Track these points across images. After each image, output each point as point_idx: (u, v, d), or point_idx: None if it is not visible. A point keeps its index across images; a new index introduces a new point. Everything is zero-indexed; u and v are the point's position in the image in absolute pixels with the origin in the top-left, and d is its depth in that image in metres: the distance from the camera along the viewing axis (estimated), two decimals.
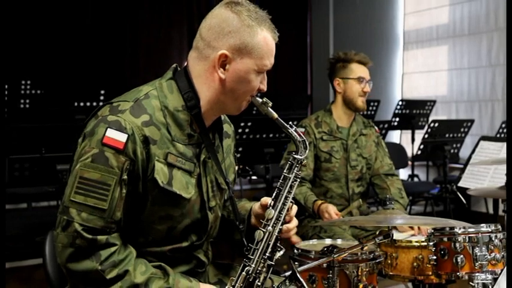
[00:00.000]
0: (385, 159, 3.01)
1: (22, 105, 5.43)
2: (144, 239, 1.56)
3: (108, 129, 1.45)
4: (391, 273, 2.35)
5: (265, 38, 1.55)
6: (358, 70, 2.88)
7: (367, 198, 3.05)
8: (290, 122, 1.66)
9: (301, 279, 1.56)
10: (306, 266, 2.03)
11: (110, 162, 1.44)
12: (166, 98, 1.56)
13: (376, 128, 3.09)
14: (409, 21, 7.22)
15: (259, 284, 1.56)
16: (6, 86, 4.70)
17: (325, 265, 2.05)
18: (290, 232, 1.68)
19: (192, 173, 1.58)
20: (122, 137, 1.45)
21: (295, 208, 1.66)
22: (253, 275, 1.56)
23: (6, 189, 3.89)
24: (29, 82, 5.62)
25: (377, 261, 2.21)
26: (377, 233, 2.07)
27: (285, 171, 1.64)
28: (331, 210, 2.65)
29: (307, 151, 1.64)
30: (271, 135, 3.82)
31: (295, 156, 1.63)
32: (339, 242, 2.46)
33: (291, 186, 1.63)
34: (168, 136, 1.53)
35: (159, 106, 1.54)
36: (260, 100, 1.61)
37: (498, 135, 4.46)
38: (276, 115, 1.62)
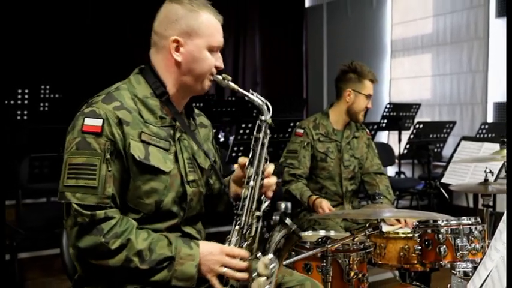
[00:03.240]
0: (374, 160, 3.01)
1: (42, 108, 5.41)
2: (137, 216, 1.54)
3: (86, 118, 1.49)
4: (379, 262, 2.35)
5: (208, 19, 1.60)
6: (369, 87, 2.83)
7: (358, 194, 3.04)
8: (251, 90, 1.65)
9: (289, 223, 1.50)
10: (301, 256, 2.04)
11: (92, 146, 1.47)
12: (135, 88, 1.60)
13: (367, 130, 3.08)
14: (396, 31, 7.22)
15: (251, 235, 1.57)
16: (27, 91, 4.69)
17: (319, 255, 2.05)
18: (271, 187, 1.66)
19: (168, 150, 1.58)
20: (98, 122, 1.48)
21: (271, 166, 1.66)
22: (246, 226, 1.57)
23: (28, 185, 3.90)
24: (48, 87, 5.61)
25: (367, 251, 2.21)
26: (367, 225, 2.07)
27: (255, 133, 1.65)
28: (325, 206, 2.65)
29: (270, 112, 1.64)
30: (269, 136, 3.81)
31: (261, 118, 1.65)
32: (332, 233, 2.47)
33: (263, 145, 1.64)
34: (140, 119, 1.55)
35: (130, 96, 1.57)
36: (220, 77, 1.64)
37: (478, 136, 4.46)
38: (236, 87, 1.65)
